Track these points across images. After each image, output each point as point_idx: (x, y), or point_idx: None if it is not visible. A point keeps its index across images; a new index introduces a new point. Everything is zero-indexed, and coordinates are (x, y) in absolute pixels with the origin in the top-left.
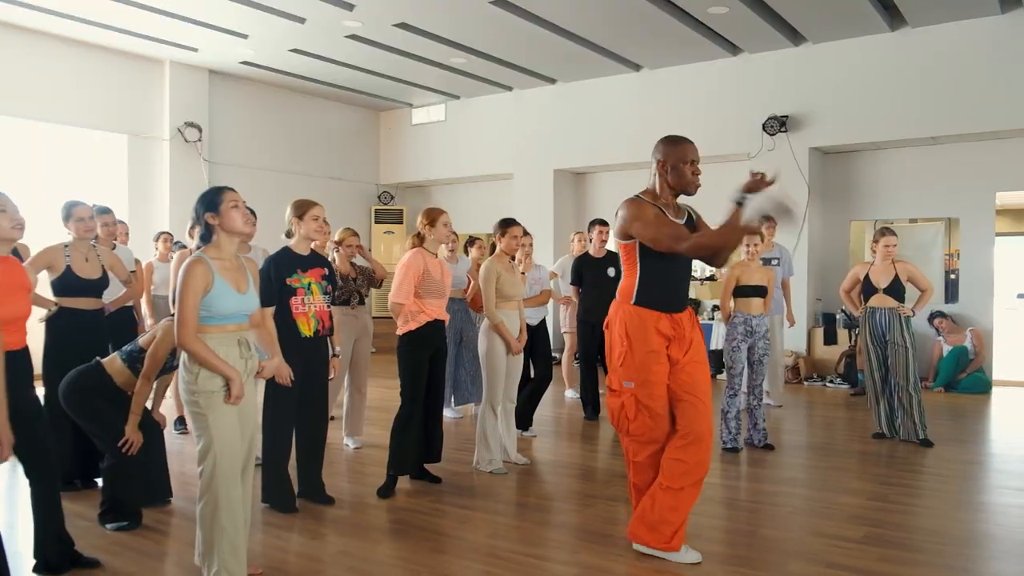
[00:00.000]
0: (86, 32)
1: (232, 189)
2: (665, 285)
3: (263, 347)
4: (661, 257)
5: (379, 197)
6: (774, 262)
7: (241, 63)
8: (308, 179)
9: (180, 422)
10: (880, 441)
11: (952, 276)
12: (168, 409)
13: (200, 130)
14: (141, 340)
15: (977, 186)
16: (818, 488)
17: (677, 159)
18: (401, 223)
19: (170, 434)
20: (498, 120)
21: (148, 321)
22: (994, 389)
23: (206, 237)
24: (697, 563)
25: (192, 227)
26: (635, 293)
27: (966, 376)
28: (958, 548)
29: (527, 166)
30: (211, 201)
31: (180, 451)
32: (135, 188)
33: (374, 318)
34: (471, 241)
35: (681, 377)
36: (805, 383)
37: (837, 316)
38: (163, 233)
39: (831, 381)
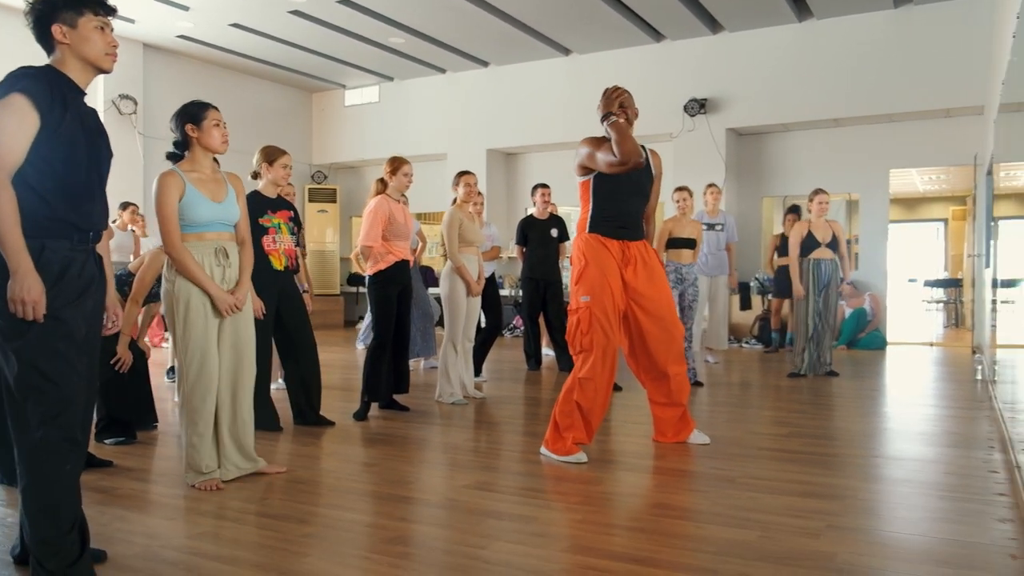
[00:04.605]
0: None
1: (215, 107)
2: (612, 214)
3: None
4: (609, 193)
5: (312, 176)
6: (718, 227)
7: (178, 37)
8: (242, 156)
9: (172, 371)
10: (795, 379)
11: (853, 246)
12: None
13: (135, 103)
14: (130, 265)
15: (873, 164)
16: (747, 407)
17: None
18: (335, 202)
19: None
20: (432, 102)
21: None
22: (888, 348)
23: (180, 146)
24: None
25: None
26: (589, 223)
27: (865, 335)
28: (864, 438)
29: (461, 146)
30: (194, 115)
31: (160, 384)
32: None
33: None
34: None
35: (644, 303)
36: (727, 345)
37: (751, 284)
38: (130, 204)
39: (747, 342)
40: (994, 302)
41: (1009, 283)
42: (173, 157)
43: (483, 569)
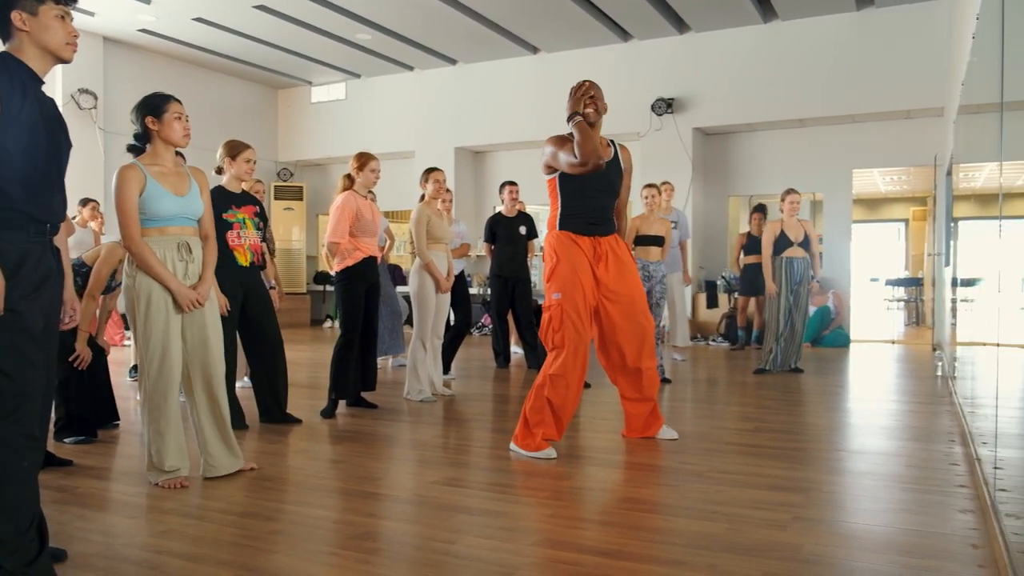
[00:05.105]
0: None
1: (178, 100)
2: (581, 211)
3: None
4: (575, 191)
5: (278, 174)
6: (672, 225)
7: (139, 31)
8: (206, 153)
9: (135, 370)
10: (761, 375)
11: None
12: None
13: (96, 97)
14: (85, 256)
15: (837, 163)
16: (714, 403)
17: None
18: (301, 200)
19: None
20: (399, 99)
21: None
22: (851, 345)
23: (141, 138)
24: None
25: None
26: (558, 220)
27: (829, 332)
28: (829, 433)
29: (428, 144)
30: (155, 107)
31: (121, 382)
32: None
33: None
34: None
35: (615, 298)
36: (690, 342)
37: (718, 282)
38: (91, 201)
39: (713, 340)
40: (954, 300)
41: (968, 282)
42: (134, 150)
43: (452, 563)
